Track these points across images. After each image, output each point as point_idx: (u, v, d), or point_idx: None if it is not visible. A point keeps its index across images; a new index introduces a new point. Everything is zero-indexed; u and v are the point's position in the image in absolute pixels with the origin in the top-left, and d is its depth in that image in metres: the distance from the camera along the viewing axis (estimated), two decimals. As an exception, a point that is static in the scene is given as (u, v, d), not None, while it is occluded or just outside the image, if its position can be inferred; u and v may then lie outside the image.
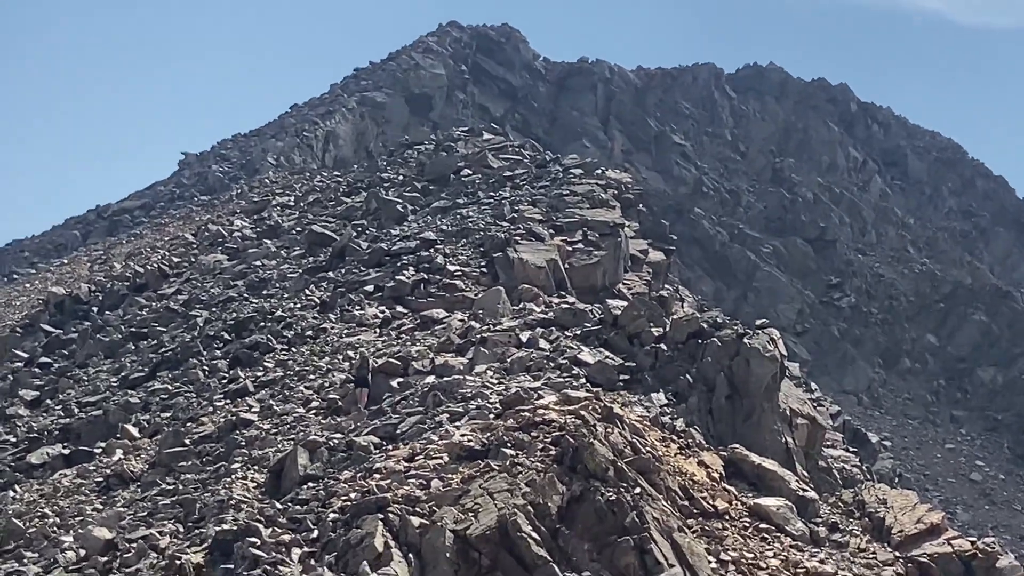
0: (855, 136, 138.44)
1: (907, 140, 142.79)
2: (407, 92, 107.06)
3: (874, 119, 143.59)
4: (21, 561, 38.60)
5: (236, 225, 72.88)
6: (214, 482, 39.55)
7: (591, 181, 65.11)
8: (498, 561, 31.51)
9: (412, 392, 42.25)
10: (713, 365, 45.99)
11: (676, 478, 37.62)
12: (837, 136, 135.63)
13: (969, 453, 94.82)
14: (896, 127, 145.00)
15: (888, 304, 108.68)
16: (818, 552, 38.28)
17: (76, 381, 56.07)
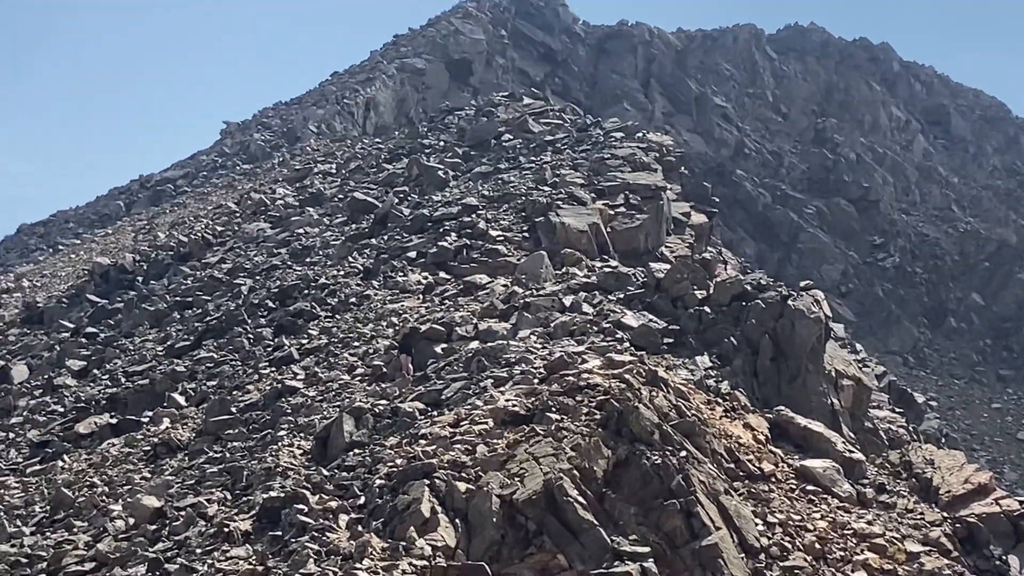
0: (898, 95, 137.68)
1: (950, 99, 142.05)
2: (447, 58, 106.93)
3: (916, 78, 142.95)
4: (71, 530, 38.69)
5: (278, 193, 72.90)
6: (261, 450, 39.61)
7: (632, 144, 64.95)
8: (544, 525, 31.51)
9: (456, 358, 42.24)
10: (757, 327, 45.90)
11: (722, 441, 37.59)
12: (880, 95, 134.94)
13: (1016, 412, 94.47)
14: (939, 86, 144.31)
15: (933, 264, 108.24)
16: (865, 513, 38.22)
17: (122, 351, 56.16)
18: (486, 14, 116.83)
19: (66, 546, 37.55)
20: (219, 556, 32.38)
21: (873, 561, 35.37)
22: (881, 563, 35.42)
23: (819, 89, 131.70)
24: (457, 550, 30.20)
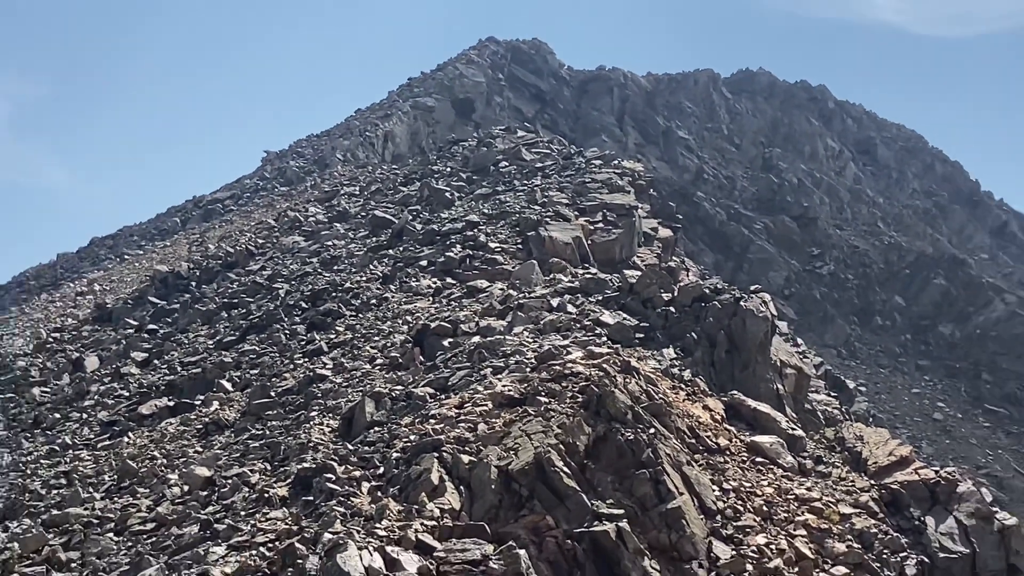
0: (832, 129, 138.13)
1: (876, 132, 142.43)
2: (453, 97, 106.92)
3: (848, 114, 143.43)
4: (135, 496, 38.84)
5: (311, 211, 72.93)
6: (295, 427, 39.68)
7: (609, 171, 65.12)
8: (535, 491, 31.55)
9: (461, 350, 42.36)
10: (715, 324, 46.07)
11: (684, 420, 37.67)
12: (817, 129, 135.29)
13: (932, 396, 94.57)
14: (867, 121, 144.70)
15: (862, 271, 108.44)
16: (805, 481, 38.40)
17: (178, 344, 56.29)
18: (486, 60, 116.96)
19: (131, 509, 37.62)
20: (260, 518, 32.35)
21: (812, 521, 35.46)
22: (818, 523, 35.49)
23: (766, 124, 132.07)
24: (461, 512, 30.24)
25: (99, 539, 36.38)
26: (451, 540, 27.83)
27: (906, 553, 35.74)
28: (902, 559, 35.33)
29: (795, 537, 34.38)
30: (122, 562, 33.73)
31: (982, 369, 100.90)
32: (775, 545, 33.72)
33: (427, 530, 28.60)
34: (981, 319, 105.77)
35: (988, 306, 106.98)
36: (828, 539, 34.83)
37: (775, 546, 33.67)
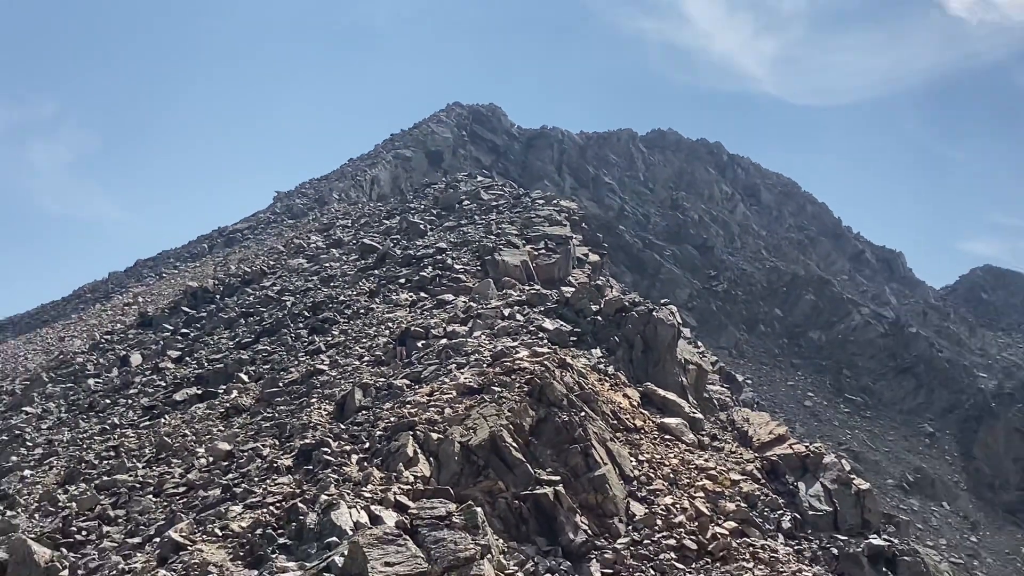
0: (726, 177, 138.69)
1: (760, 179, 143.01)
2: (426, 149, 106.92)
3: (738, 165, 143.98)
4: (170, 465, 38.81)
5: (312, 239, 72.82)
6: (299, 411, 39.65)
7: (549, 208, 65.28)
8: (489, 462, 31.56)
9: (431, 349, 42.44)
10: (632, 330, 46.24)
11: (608, 405, 37.76)
12: (714, 177, 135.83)
13: (803, 388, 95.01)
14: (753, 170, 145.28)
15: (748, 289, 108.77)
16: (703, 454, 38.59)
17: (205, 345, 56.24)
18: (452, 120, 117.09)
19: (166, 476, 37.55)
20: (270, 483, 32.26)
21: (708, 486, 35.58)
22: (714, 487, 35.61)
23: (674, 172, 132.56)
24: (431, 478, 30.25)
25: (141, 500, 36.29)
26: (422, 500, 27.77)
27: (783, 511, 35.90)
28: (779, 515, 35.47)
29: (695, 498, 34.47)
30: (159, 518, 33.64)
31: (843, 366, 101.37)
32: (679, 504, 33.80)
33: (404, 492, 28.56)
34: (842, 327, 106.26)
35: (848, 317, 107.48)
36: (721, 500, 34.94)
37: (679, 505, 33.76)
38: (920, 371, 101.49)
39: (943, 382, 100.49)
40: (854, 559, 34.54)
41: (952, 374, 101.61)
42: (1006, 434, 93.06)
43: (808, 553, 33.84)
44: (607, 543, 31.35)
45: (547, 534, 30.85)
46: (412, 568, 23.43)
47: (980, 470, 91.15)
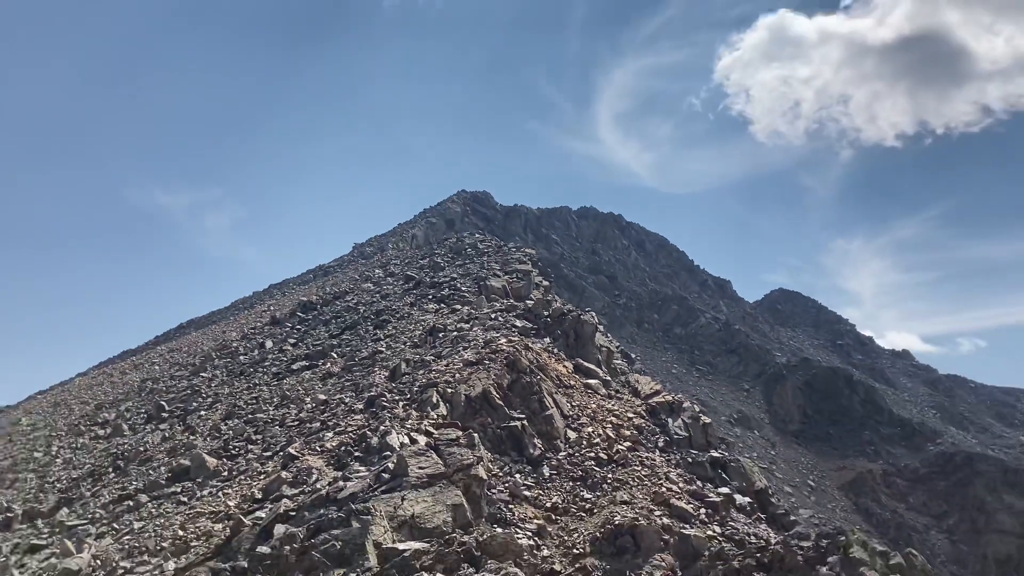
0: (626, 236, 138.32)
1: (646, 237, 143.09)
2: (445, 218, 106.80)
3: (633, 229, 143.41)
4: (288, 409, 38.60)
5: (376, 272, 72.52)
6: (366, 376, 39.54)
7: (519, 254, 65.36)
8: (482, 407, 31.51)
9: (447, 339, 42.33)
10: (568, 326, 46.19)
11: (553, 371, 37.72)
12: (618, 235, 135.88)
13: (671, 362, 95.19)
14: (641, 232, 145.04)
15: (638, 302, 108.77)
16: (610, 401, 38.45)
17: (310, 335, 55.78)
18: (460, 200, 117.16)
19: (286, 416, 37.36)
20: (349, 420, 32.21)
21: (614, 420, 35.50)
22: (617, 422, 35.55)
23: (593, 232, 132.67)
24: (447, 416, 30.19)
25: (271, 429, 36.13)
26: (442, 429, 27.74)
27: (658, 435, 35.89)
28: (656, 438, 35.48)
29: (606, 427, 34.45)
30: (282, 440, 33.51)
31: (695, 349, 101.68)
32: (596, 431, 33.78)
33: (430, 425, 28.52)
34: (694, 325, 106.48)
35: (697, 319, 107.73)
36: (622, 428, 34.91)
37: (596, 432, 33.73)
38: (741, 352, 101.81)
39: (754, 358, 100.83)
40: (701, 465, 34.57)
41: (759, 354, 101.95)
42: (791, 390, 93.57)
43: (674, 461, 33.88)
44: (553, 455, 31.34)
45: (517, 450, 30.82)
46: (435, 470, 23.40)
47: (776, 411, 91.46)
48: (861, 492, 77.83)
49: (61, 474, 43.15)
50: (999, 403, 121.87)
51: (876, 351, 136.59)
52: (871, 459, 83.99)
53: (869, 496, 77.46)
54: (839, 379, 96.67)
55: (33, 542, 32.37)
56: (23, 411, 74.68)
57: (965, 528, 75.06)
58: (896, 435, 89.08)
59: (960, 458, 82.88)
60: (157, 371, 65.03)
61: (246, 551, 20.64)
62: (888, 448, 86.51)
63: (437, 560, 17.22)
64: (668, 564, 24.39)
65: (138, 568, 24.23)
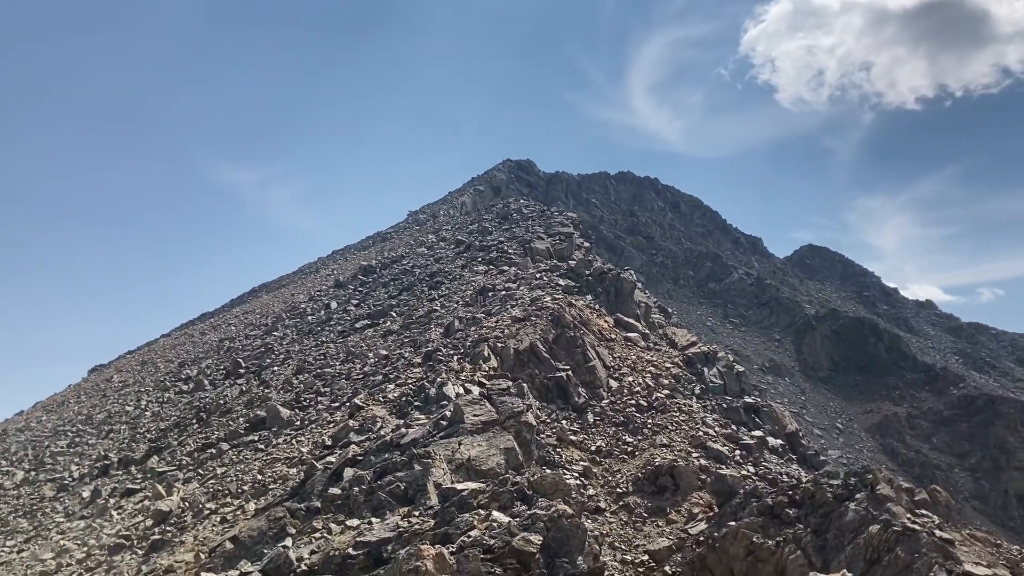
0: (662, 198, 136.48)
1: (680, 198, 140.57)
2: (491, 185, 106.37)
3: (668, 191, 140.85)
4: (353, 364, 38.98)
5: (429, 238, 72.71)
6: (423, 332, 39.74)
7: (561, 217, 65.01)
8: (530, 359, 31.61)
9: (496, 297, 42.38)
10: (609, 283, 46.05)
11: (595, 326, 37.68)
12: (655, 197, 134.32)
13: (706, 316, 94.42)
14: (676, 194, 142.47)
15: (674, 260, 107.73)
16: (650, 352, 38.34)
17: (371, 295, 56.19)
18: (505, 169, 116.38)
19: (352, 368, 37.81)
20: (409, 372, 32.42)
21: (652, 370, 35.45)
22: (656, 371, 35.51)
23: (631, 196, 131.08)
24: (498, 368, 30.34)
25: (338, 382, 36.59)
26: (493, 380, 27.90)
27: (695, 383, 35.79)
28: (692, 386, 35.38)
29: (645, 376, 34.41)
30: (348, 392, 33.92)
31: (728, 303, 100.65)
32: (636, 380, 33.78)
33: (483, 376, 28.70)
34: (727, 280, 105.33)
35: (731, 275, 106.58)
36: (660, 377, 34.86)
37: (636, 381, 33.73)
38: (772, 304, 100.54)
39: (785, 310, 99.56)
40: (735, 410, 34.45)
41: (789, 306, 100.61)
42: (820, 339, 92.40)
43: (710, 407, 33.79)
44: (596, 403, 31.42)
45: (563, 398, 30.94)
46: (488, 417, 23.60)
47: (805, 360, 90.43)
48: (887, 434, 76.97)
49: (150, 425, 44.30)
50: (1019, 348, 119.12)
51: (900, 302, 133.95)
52: (896, 403, 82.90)
53: (895, 437, 76.58)
54: (865, 328, 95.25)
55: (128, 487, 33.39)
56: (115, 369, 76.67)
57: (987, 466, 73.90)
58: (920, 380, 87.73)
59: (982, 400, 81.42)
60: (233, 331, 66.16)
61: (319, 492, 21.09)
62: (913, 392, 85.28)
63: (492, 498, 17.43)
64: (705, 501, 24.43)
65: (222, 509, 24.90)
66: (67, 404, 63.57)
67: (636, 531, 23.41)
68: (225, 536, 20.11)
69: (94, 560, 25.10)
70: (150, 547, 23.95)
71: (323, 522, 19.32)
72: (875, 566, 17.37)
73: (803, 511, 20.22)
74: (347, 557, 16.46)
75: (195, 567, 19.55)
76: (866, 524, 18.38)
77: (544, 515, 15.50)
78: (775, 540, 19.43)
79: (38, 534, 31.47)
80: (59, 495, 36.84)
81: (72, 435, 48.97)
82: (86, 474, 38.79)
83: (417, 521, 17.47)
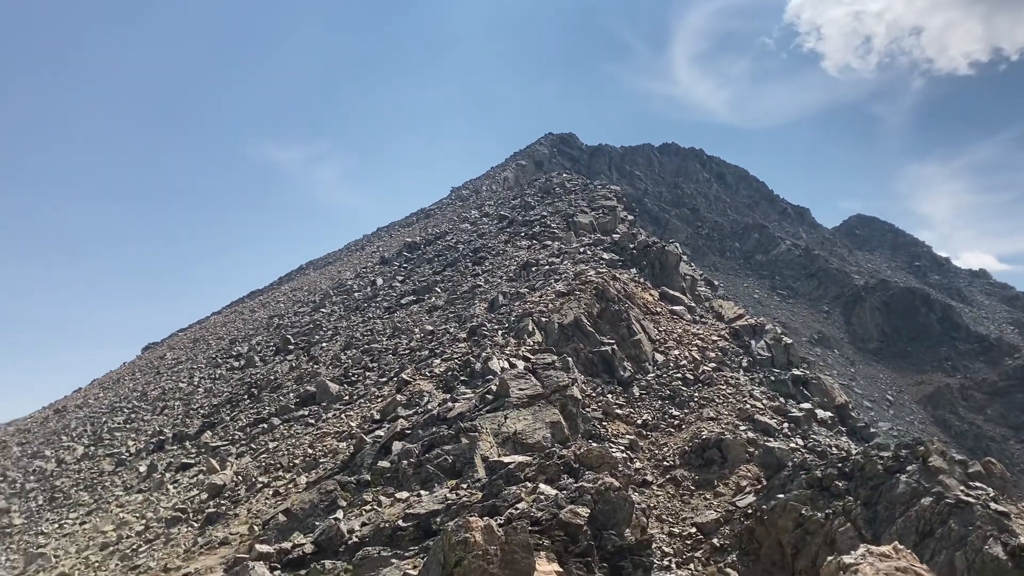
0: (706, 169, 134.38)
1: (725, 169, 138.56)
2: (534, 160, 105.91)
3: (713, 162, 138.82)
4: (399, 340, 39.30)
5: (472, 213, 72.75)
6: (468, 307, 39.89)
7: (604, 190, 64.58)
8: (574, 333, 31.58)
9: (540, 272, 42.33)
10: (654, 257, 45.69)
11: (640, 299, 37.50)
12: (699, 168, 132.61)
13: (752, 288, 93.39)
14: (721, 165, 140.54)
15: (720, 232, 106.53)
16: (695, 325, 38.10)
17: (416, 272, 56.50)
18: (547, 142, 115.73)
19: (399, 344, 38.09)
20: (454, 348, 32.60)
21: (699, 343, 35.25)
22: (702, 344, 35.27)
23: (675, 167, 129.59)
24: (542, 342, 30.36)
25: (385, 357, 36.92)
26: (538, 354, 27.95)
27: (742, 356, 35.52)
28: (740, 359, 35.11)
29: (692, 350, 34.23)
30: (395, 367, 34.25)
31: (775, 274, 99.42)
32: (683, 354, 33.61)
33: (527, 351, 28.75)
34: (775, 251, 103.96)
35: (778, 246, 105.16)
36: (707, 351, 34.64)
37: (683, 355, 33.56)
38: (820, 275, 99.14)
39: (833, 281, 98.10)
40: (783, 383, 34.13)
41: (838, 277, 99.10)
42: (869, 310, 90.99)
43: (757, 380, 33.52)
44: (642, 376, 31.34)
45: (608, 372, 30.91)
46: (534, 391, 23.65)
47: (855, 331, 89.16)
48: (939, 405, 75.69)
49: (203, 401, 45.24)
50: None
51: (953, 271, 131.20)
52: (949, 374, 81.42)
53: (947, 409, 75.29)
54: (916, 299, 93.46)
55: (183, 461, 34.20)
56: (167, 347, 78.31)
57: (1043, 438, 72.42)
58: (974, 350, 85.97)
59: (1038, 371, 79.67)
60: (282, 308, 67.09)
61: (368, 465, 21.38)
62: (966, 363, 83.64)
63: (539, 471, 17.53)
64: (753, 474, 24.31)
65: (274, 482, 25.38)
66: (122, 381, 65.18)
67: (683, 504, 23.40)
68: (278, 509, 20.52)
69: (152, 532, 25.80)
70: (205, 520, 24.54)
71: (373, 494, 19.61)
72: (927, 539, 17.16)
73: (853, 483, 20.01)
74: (397, 529, 16.71)
75: (249, 539, 19.99)
76: (918, 497, 18.15)
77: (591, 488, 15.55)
78: (824, 512, 19.28)
79: (99, 507, 32.43)
80: (117, 469, 37.88)
81: (128, 411, 50.22)
82: (142, 449, 39.81)
83: (465, 493, 17.64)
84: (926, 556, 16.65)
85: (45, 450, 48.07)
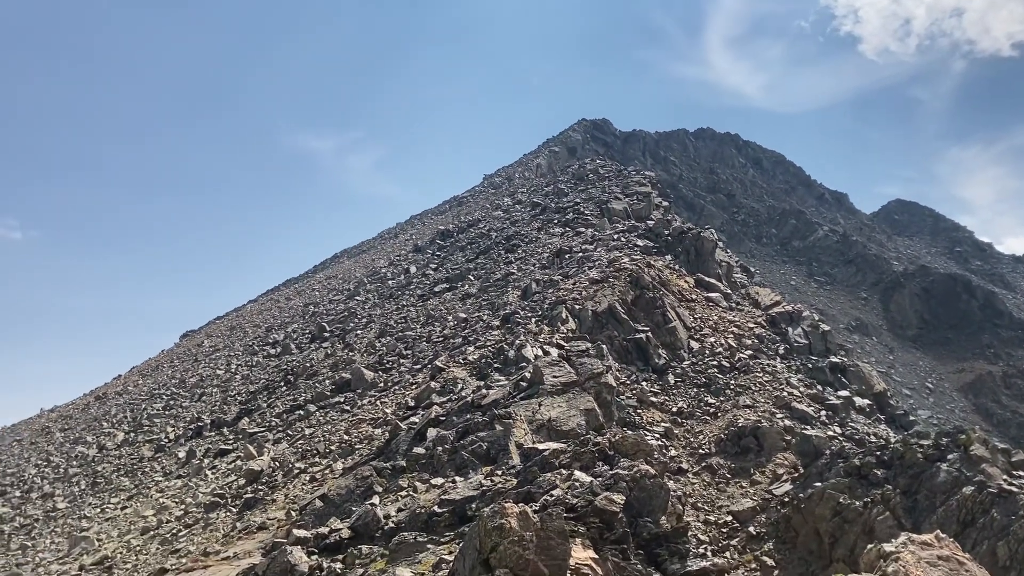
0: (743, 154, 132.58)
1: (763, 154, 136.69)
2: (567, 146, 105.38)
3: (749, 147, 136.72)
4: (433, 326, 39.40)
5: (505, 200, 72.65)
6: (500, 296, 39.88)
7: (638, 176, 64.15)
8: (608, 321, 31.51)
9: (573, 259, 42.22)
10: (689, 243, 45.33)
11: (675, 287, 37.27)
12: (734, 154, 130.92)
13: (789, 274, 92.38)
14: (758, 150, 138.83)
15: (756, 218, 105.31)
16: (731, 312, 37.82)
17: (449, 260, 56.52)
18: (581, 128, 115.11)
19: (432, 331, 38.23)
20: (487, 335, 32.62)
21: (735, 330, 34.98)
22: (738, 331, 35.00)
23: (712, 152, 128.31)
24: (576, 330, 30.33)
25: (419, 345, 37.07)
26: (571, 342, 27.93)
27: (778, 343, 35.23)
28: (776, 346, 34.82)
29: (728, 337, 34.00)
30: (429, 354, 34.37)
31: (812, 260, 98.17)
32: (719, 341, 33.40)
33: (561, 338, 28.74)
34: (812, 237, 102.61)
35: (815, 232, 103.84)
36: (743, 338, 34.39)
37: (719, 342, 33.35)
38: (859, 261, 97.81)
39: (872, 267, 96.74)
40: (821, 370, 33.81)
41: (877, 263, 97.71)
42: (909, 297, 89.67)
43: (794, 367, 33.23)
44: (677, 364, 31.21)
45: (643, 360, 30.82)
46: (568, 378, 23.65)
47: (894, 318, 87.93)
48: (981, 393, 74.49)
49: (240, 388, 45.81)
50: None
51: (995, 257, 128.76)
52: (991, 361, 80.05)
53: (989, 397, 74.08)
54: (957, 285, 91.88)
55: (221, 447, 34.69)
56: (205, 335, 79.38)
57: (1089, 427, 71.00)
58: (1017, 338, 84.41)
59: (1084, 359, 78.13)
60: (317, 296, 67.64)
61: (403, 452, 21.55)
62: (1008, 351, 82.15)
63: (574, 458, 17.53)
64: (790, 462, 24.13)
65: (311, 468, 25.68)
66: (161, 369, 66.20)
67: (719, 492, 23.30)
68: (315, 494, 20.76)
69: (191, 517, 26.23)
70: (243, 505, 24.89)
71: (408, 480, 19.76)
72: (969, 528, 16.94)
73: (892, 472, 19.79)
74: (432, 515, 16.82)
75: (286, 524, 20.25)
76: (959, 485, 17.91)
77: (626, 475, 15.52)
78: (863, 501, 19.09)
79: (139, 492, 33.02)
80: (157, 455, 38.52)
81: (167, 398, 51.01)
82: (181, 435, 40.43)
83: (500, 480, 17.71)
84: (968, 546, 16.43)
85: (87, 436, 49.02)
